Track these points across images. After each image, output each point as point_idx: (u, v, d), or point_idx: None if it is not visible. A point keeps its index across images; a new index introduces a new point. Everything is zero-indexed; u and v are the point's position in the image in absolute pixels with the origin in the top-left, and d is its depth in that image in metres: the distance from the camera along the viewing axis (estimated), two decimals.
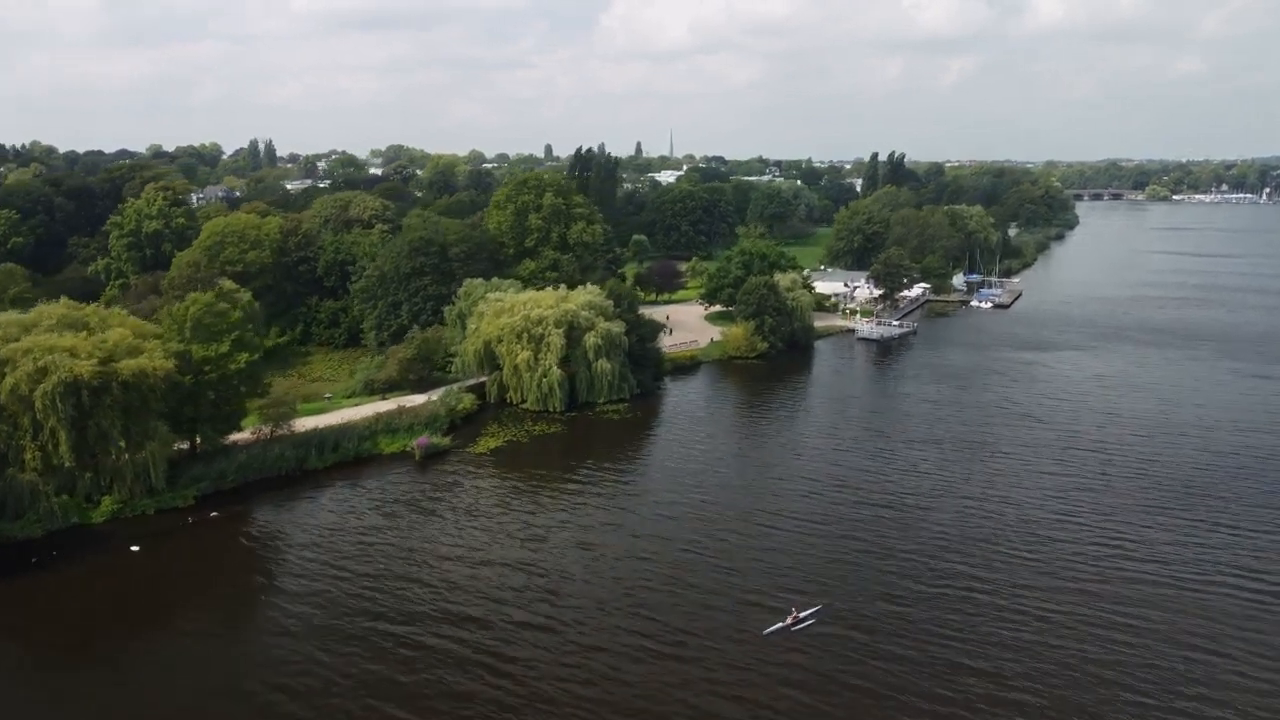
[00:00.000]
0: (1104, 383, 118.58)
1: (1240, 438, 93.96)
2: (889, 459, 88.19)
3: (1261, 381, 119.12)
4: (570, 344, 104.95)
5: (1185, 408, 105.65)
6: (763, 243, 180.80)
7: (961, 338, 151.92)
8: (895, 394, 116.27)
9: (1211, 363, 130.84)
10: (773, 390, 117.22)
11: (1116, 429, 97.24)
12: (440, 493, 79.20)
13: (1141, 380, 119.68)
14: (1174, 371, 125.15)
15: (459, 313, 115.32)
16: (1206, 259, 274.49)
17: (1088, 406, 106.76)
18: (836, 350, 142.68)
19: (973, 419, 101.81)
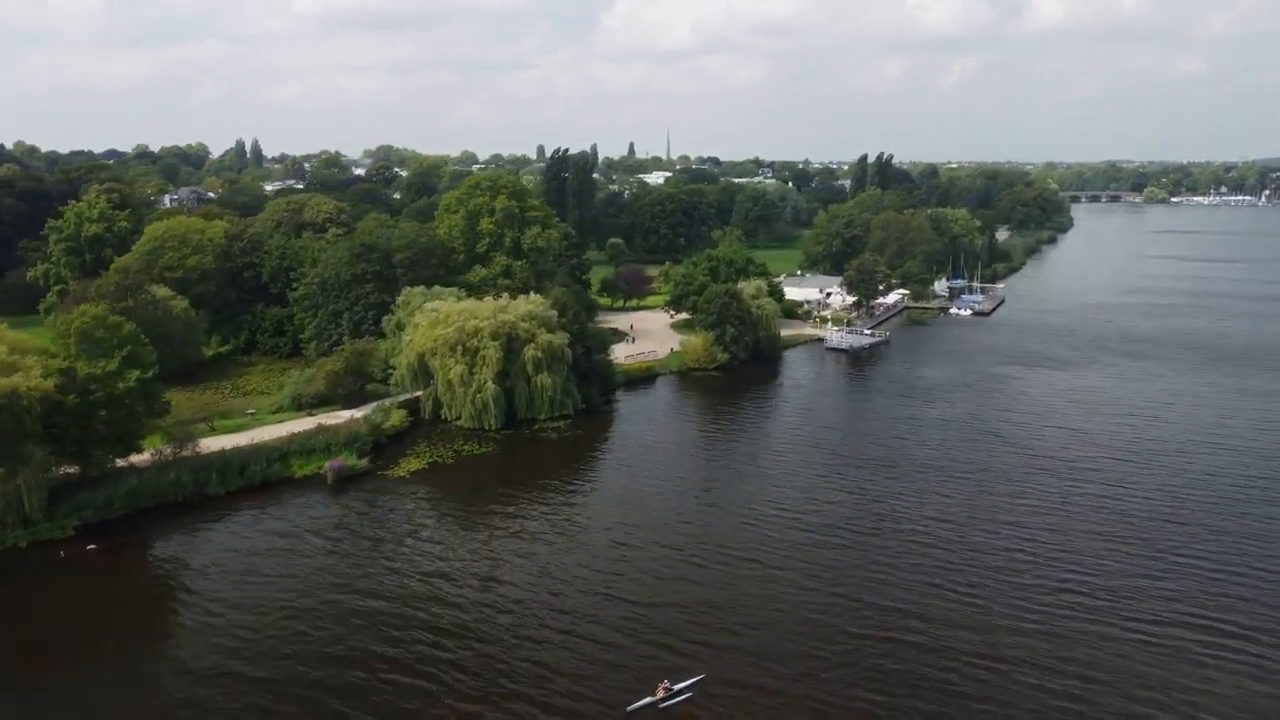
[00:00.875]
0: (1077, 399, 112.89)
1: (1213, 459, 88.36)
2: (837, 483, 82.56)
3: (1242, 396, 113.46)
4: (509, 357, 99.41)
5: (1159, 427, 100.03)
6: (731, 248, 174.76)
7: (935, 348, 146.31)
8: (855, 410, 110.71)
9: (1192, 376, 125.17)
10: (728, 405, 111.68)
11: (1083, 450, 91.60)
12: (348, 521, 73.66)
13: (1117, 397, 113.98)
14: (1152, 387, 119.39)
15: (397, 323, 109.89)
16: (1198, 264, 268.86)
17: (1055, 425, 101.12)
18: (803, 361, 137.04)
19: (932, 439, 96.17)
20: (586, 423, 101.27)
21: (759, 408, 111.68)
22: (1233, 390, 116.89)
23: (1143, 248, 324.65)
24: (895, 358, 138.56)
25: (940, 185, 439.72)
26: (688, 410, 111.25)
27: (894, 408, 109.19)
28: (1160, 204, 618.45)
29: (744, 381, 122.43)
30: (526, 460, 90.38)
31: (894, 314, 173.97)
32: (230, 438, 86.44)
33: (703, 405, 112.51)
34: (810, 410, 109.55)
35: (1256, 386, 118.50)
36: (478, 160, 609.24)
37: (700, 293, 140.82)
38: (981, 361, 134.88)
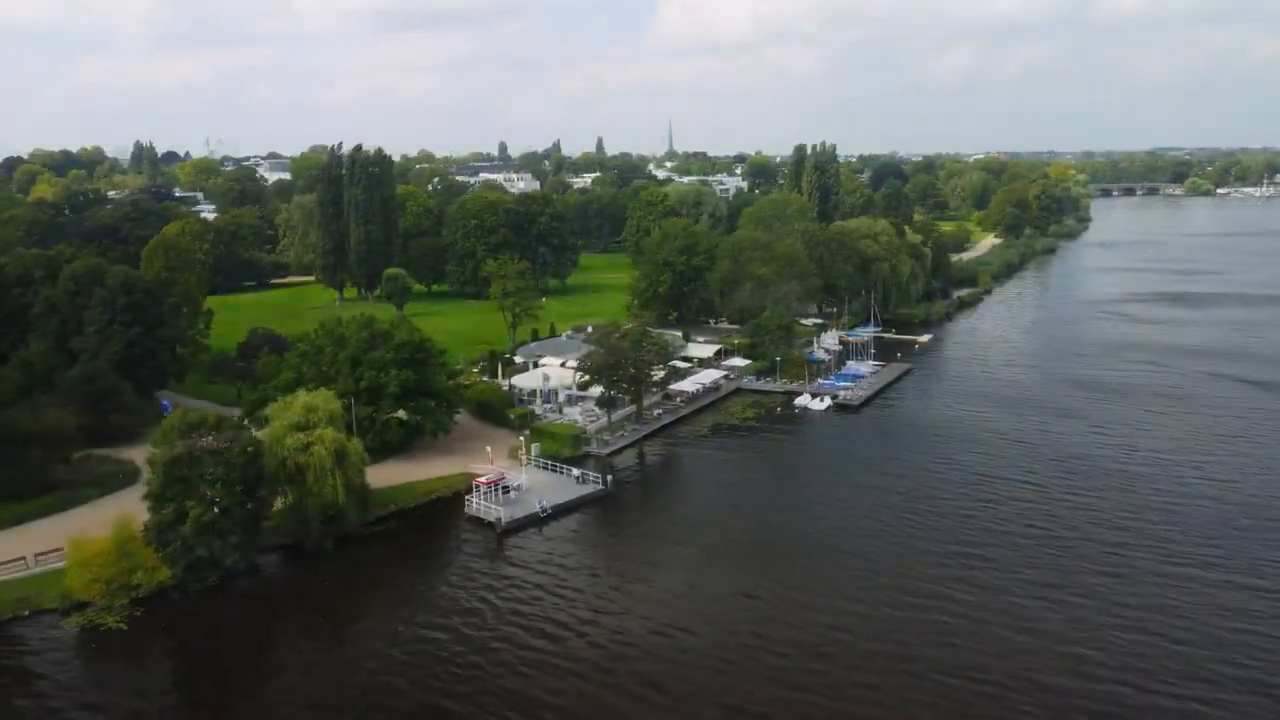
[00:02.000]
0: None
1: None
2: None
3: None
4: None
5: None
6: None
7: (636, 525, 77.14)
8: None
9: (1132, 586, 55.59)
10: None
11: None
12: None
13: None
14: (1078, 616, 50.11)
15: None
16: (1216, 305, 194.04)
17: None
18: (394, 554, 69.30)
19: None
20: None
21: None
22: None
23: (1161, 259, 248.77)
24: (578, 543, 69.80)
25: (925, 183, 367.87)
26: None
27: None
28: (1203, 196, 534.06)
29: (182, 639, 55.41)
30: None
31: (702, 406, 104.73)
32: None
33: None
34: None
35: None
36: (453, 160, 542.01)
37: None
38: (713, 583, 65.81)
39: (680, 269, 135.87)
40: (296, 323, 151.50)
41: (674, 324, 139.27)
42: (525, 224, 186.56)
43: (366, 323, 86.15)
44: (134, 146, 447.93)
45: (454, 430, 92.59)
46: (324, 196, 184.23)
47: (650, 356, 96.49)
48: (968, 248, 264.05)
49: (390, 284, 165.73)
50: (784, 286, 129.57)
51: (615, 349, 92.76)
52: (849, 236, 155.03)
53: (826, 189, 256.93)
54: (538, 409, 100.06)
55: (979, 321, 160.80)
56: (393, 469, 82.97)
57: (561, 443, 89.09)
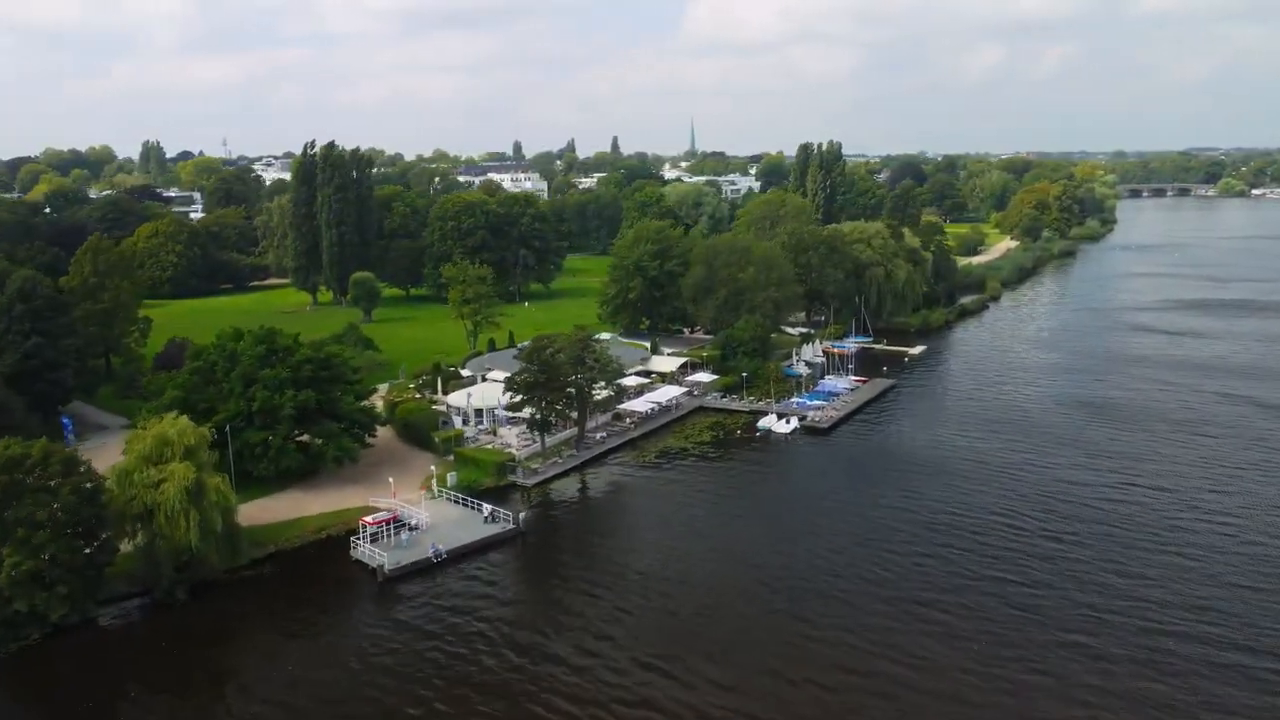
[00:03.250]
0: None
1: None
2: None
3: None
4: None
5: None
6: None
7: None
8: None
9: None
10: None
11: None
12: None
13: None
14: None
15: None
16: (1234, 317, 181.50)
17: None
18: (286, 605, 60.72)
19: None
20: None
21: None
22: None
23: (1189, 264, 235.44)
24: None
25: (943, 183, 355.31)
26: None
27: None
28: (1237, 197, 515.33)
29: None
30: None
31: (657, 427, 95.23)
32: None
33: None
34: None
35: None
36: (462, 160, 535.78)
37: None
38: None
39: (652, 274, 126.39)
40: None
41: (645, 333, 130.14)
42: (505, 226, 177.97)
43: (264, 337, 77.59)
44: (142, 146, 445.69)
45: (373, 455, 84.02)
46: (297, 197, 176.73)
47: (594, 373, 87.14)
48: (982, 251, 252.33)
49: (358, 288, 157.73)
50: (760, 294, 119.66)
51: (549, 365, 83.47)
52: (840, 240, 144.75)
53: (832, 189, 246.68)
54: (470, 431, 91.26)
55: (980, 331, 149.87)
56: (287, 501, 74.44)
57: (484, 471, 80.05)
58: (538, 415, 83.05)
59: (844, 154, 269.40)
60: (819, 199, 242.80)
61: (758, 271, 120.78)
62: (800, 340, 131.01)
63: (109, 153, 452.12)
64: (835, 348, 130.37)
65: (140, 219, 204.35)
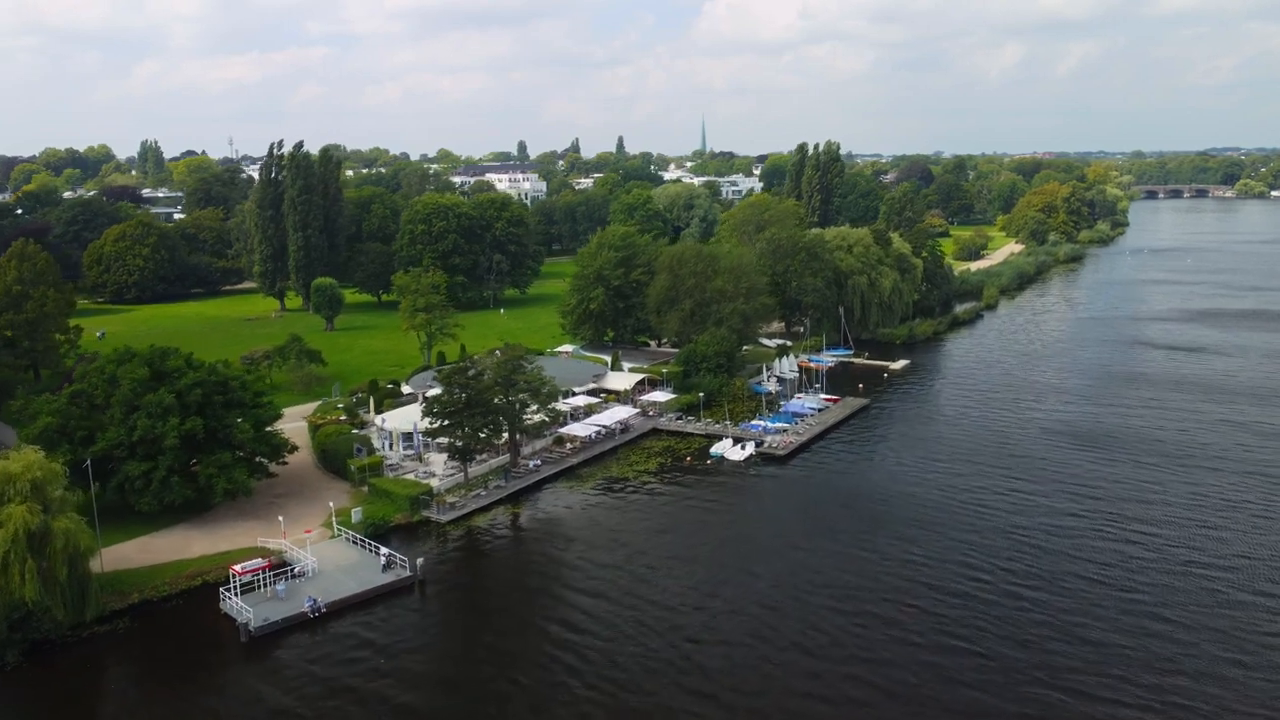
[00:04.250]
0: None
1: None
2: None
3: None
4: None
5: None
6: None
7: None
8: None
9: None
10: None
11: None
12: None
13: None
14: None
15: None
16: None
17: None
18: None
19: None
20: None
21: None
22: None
23: (1206, 266, 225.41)
24: None
25: (950, 184, 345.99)
26: None
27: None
28: (1257, 199, 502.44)
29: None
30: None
31: (602, 452, 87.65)
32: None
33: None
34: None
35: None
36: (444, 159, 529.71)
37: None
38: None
39: (615, 283, 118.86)
40: (212, 339, 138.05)
41: (611, 346, 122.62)
42: (478, 229, 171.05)
43: (152, 357, 70.62)
44: (141, 145, 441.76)
45: (285, 486, 77.18)
46: (262, 199, 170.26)
47: (525, 395, 79.71)
48: (985, 255, 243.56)
49: (319, 295, 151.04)
50: (728, 306, 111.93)
51: (472, 387, 76.05)
52: (821, 247, 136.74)
53: (828, 191, 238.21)
54: (394, 457, 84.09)
55: (970, 344, 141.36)
56: (171, 540, 67.48)
57: (396, 505, 72.85)
58: (458, 443, 75.65)
59: (859, 155, 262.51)
60: (814, 201, 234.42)
61: (725, 281, 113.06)
62: (776, 353, 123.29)
63: (107, 152, 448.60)
64: (812, 362, 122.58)
65: (112, 221, 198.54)
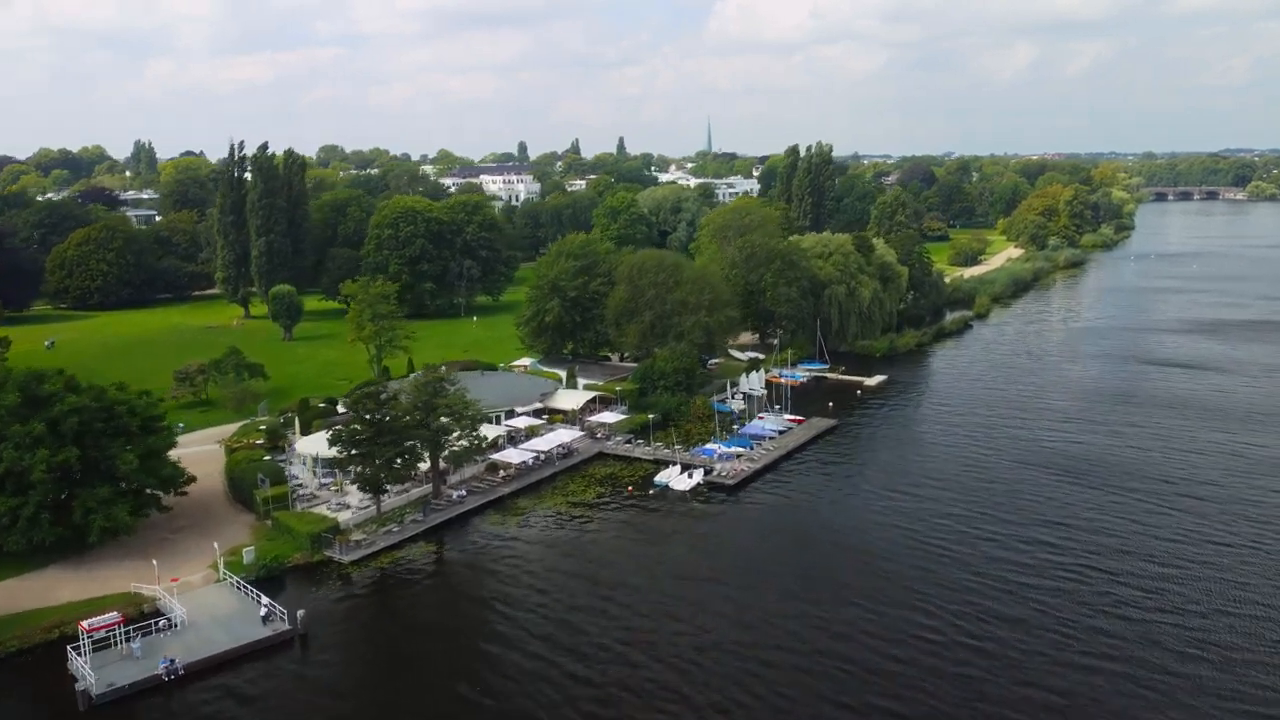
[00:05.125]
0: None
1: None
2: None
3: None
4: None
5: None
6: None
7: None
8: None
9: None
10: None
11: None
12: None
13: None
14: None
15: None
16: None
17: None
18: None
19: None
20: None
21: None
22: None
23: (1213, 273, 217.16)
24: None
25: (951, 186, 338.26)
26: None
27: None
28: (1268, 201, 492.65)
29: None
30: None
31: (539, 480, 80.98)
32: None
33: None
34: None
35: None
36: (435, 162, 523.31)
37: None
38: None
39: (572, 294, 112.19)
40: (165, 348, 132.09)
41: (568, 359, 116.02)
42: (448, 234, 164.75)
43: (26, 381, 64.31)
44: (134, 146, 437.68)
45: (185, 519, 70.94)
46: (224, 203, 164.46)
47: (450, 421, 73.12)
48: (983, 260, 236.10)
49: (277, 303, 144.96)
50: (689, 318, 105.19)
51: (383, 413, 69.54)
52: (798, 254, 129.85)
53: (821, 194, 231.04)
54: (312, 485, 77.68)
55: (954, 357, 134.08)
56: (40, 583, 61.29)
57: (296, 543, 66.42)
58: (366, 472, 69.10)
59: (868, 156, 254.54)
60: (806, 205, 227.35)
61: (687, 292, 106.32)
62: (746, 368, 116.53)
63: (101, 153, 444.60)
64: (783, 377, 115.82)
65: (81, 224, 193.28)
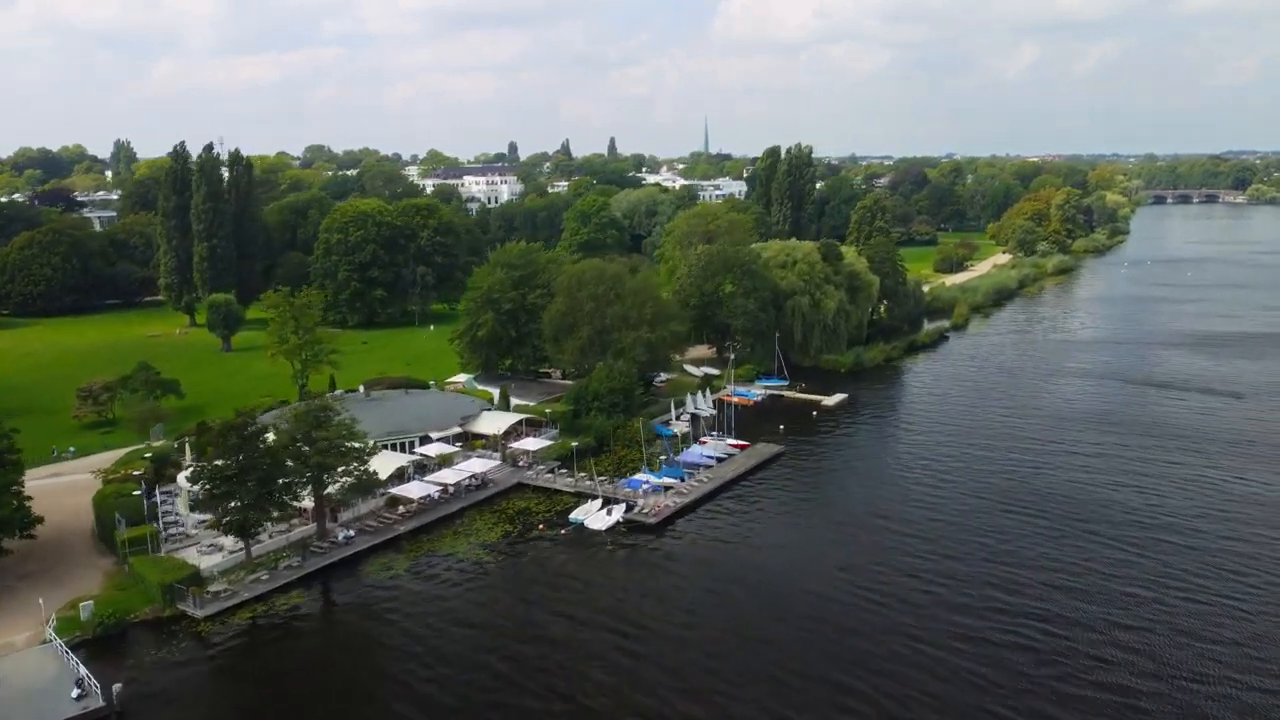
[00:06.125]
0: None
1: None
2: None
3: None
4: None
5: None
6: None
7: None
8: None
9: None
10: None
11: None
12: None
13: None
14: None
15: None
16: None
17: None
18: None
19: None
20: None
21: None
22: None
23: (1208, 280, 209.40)
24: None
25: (942, 189, 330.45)
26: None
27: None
28: (1268, 204, 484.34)
29: None
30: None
31: (444, 515, 73.59)
32: None
33: None
34: None
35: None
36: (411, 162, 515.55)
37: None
38: None
39: (506, 307, 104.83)
40: (96, 360, 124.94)
41: (505, 377, 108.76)
42: (401, 240, 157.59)
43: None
44: (114, 145, 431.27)
45: (38, 564, 63.71)
46: (166, 206, 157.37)
47: (326, 456, 65.75)
48: (970, 266, 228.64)
49: (213, 312, 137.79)
50: (630, 334, 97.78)
51: (250, 449, 62.18)
52: (758, 263, 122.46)
53: (800, 197, 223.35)
54: (191, 522, 70.36)
55: (923, 373, 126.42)
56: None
57: (147, 594, 59.13)
58: (227, 517, 61.68)
59: (867, 157, 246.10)
60: (785, 209, 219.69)
61: (627, 306, 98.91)
62: (698, 385, 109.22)
63: (81, 152, 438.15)
64: (736, 395, 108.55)
65: (31, 226, 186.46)
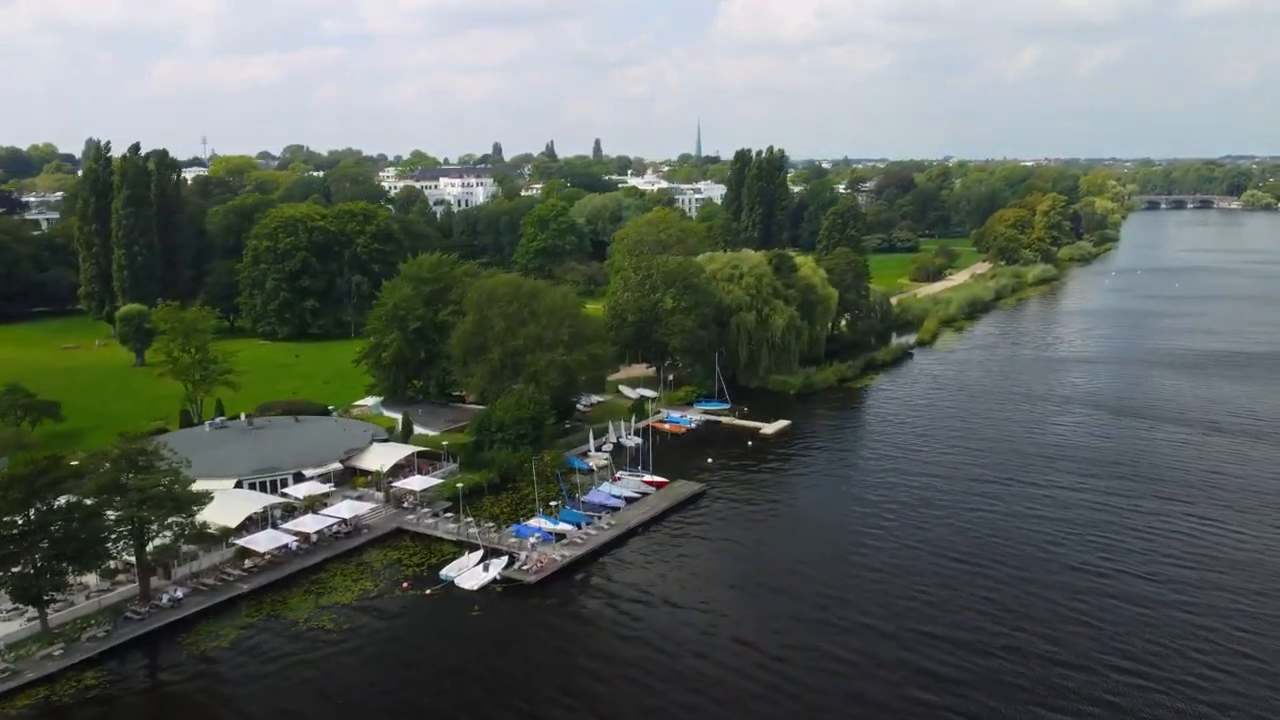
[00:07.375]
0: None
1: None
2: None
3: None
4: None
5: None
6: None
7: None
8: None
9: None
10: None
11: None
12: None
13: None
14: None
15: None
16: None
17: None
18: None
19: None
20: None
21: None
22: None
23: (1196, 292, 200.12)
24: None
25: (927, 194, 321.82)
26: None
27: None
28: (1264, 211, 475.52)
29: None
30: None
31: (302, 569, 64.55)
32: None
33: None
34: None
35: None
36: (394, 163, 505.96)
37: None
38: None
39: (414, 325, 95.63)
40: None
41: (414, 401, 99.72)
42: (336, 246, 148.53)
43: None
44: (85, 144, 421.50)
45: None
46: (85, 210, 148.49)
47: (139, 508, 56.54)
48: (948, 275, 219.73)
49: (124, 325, 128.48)
50: (544, 357, 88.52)
51: (42, 500, 53.00)
52: (700, 276, 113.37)
53: (771, 203, 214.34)
54: None
55: (881, 395, 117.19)
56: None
57: None
58: (12, 585, 52.50)
59: (864, 160, 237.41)
60: (756, 215, 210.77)
61: (542, 326, 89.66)
62: (632, 408, 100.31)
63: (51, 151, 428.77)
64: (668, 422, 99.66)
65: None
